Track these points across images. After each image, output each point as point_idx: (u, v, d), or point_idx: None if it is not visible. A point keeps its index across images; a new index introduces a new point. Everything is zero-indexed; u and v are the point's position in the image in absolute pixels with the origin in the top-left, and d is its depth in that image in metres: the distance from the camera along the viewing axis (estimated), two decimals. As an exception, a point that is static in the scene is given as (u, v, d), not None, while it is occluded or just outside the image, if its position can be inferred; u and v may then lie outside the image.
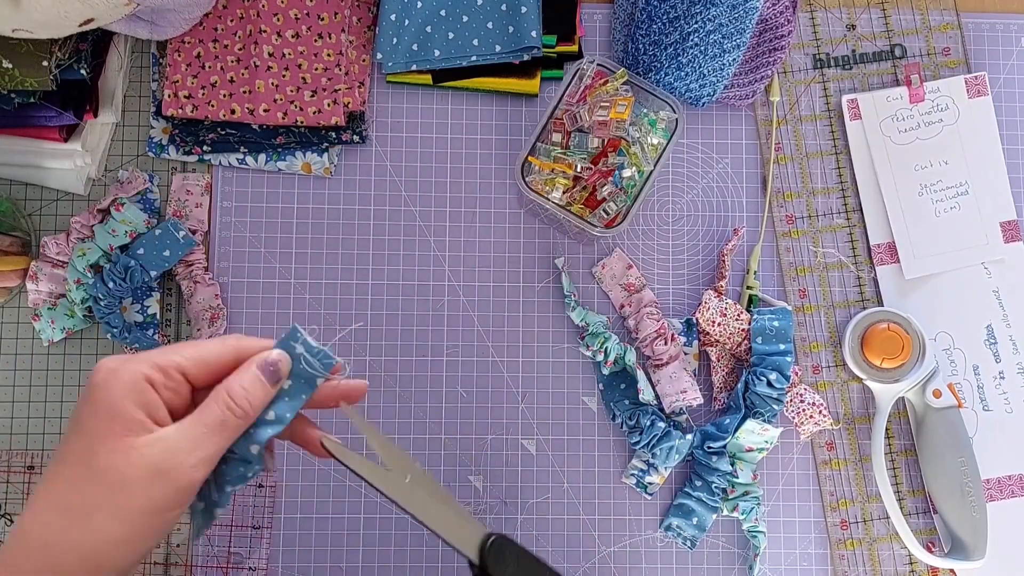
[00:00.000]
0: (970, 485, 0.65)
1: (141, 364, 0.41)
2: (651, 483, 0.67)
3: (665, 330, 0.67)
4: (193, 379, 0.43)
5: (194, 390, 0.44)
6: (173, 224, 0.65)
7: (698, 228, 0.70)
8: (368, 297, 0.69)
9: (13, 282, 0.66)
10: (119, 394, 0.40)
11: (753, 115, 0.71)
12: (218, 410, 0.42)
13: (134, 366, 0.41)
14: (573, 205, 0.63)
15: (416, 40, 0.69)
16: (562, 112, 0.63)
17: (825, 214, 0.70)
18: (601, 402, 0.68)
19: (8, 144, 0.66)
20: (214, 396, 0.42)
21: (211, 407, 0.42)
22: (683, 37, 0.67)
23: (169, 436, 0.41)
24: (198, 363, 0.43)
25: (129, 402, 0.40)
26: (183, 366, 0.42)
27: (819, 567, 0.68)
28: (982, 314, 0.69)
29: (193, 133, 0.68)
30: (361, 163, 0.70)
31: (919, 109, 0.70)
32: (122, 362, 0.41)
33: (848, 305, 0.70)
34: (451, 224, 0.70)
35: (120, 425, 0.40)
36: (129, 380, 0.41)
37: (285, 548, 0.66)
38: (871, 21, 0.72)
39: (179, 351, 0.43)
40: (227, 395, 0.42)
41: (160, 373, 0.42)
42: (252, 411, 0.42)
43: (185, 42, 0.68)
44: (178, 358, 0.42)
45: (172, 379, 0.42)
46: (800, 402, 0.67)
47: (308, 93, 0.67)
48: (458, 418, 0.68)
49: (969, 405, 0.69)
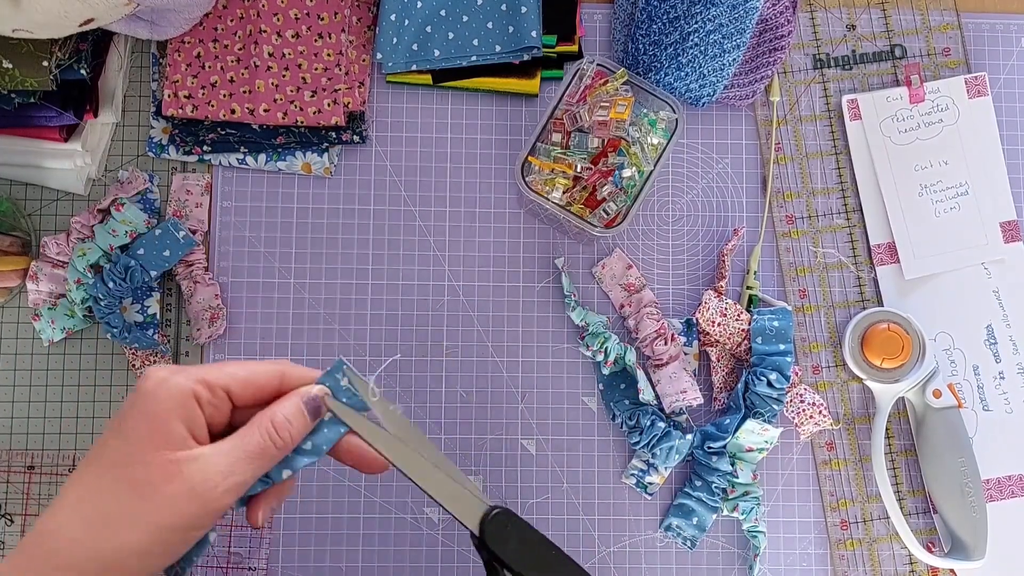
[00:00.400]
0: (970, 485, 0.65)
1: (190, 379, 0.41)
2: (651, 483, 0.67)
3: (665, 330, 0.67)
4: (236, 398, 0.43)
5: (234, 408, 0.44)
6: (173, 224, 0.66)
7: (698, 228, 0.70)
8: (368, 297, 0.69)
9: (13, 282, 0.66)
10: (166, 406, 0.40)
11: (753, 115, 0.71)
12: (259, 438, 0.42)
13: (183, 380, 0.41)
14: (573, 205, 0.63)
15: (416, 40, 0.69)
16: (562, 112, 0.63)
17: (825, 214, 0.70)
18: (601, 402, 0.68)
19: (8, 144, 0.66)
20: (257, 423, 0.42)
21: (253, 434, 0.42)
22: (683, 37, 0.67)
23: (208, 457, 0.40)
24: (244, 384, 0.43)
25: (174, 416, 0.40)
26: (229, 385, 0.43)
27: (819, 567, 0.68)
28: (982, 314, 0.69)
29: (193, 133, 0.68)
30: (361, 163, 0.70)
31: (919, 109, 0.70)
32: (172, 373, 0.41)
33: (848, 305, 0.70)
34: (451, 224, 0.70)
35: (163, 438, 0.40)
36: (177, 393, 0.41)
37: (285, 548, 0.66)
38: (871, 21, 0.72)
39: (228, 369, 0.43)
40: (270, 424, 0.42)
41: (207, 390, 0.42)
42: (292, 442, 0.43)
43: (185, 42, 0.68)
44: (226, 377, 0.42)
45: (217, 396, 0.42)
46: (800, 402, 0.67)
47: (308, 93, 0.67)
48: (458, 418, 0.68)
49: (969, 405, 0.69)
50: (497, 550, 0.44)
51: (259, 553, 0.66)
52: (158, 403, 0.40)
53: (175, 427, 0.40)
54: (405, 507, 0.67)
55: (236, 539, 0.66)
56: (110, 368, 0.68)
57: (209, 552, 0.66)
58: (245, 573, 0.66)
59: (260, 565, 0.66)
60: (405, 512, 0.67)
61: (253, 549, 0.66)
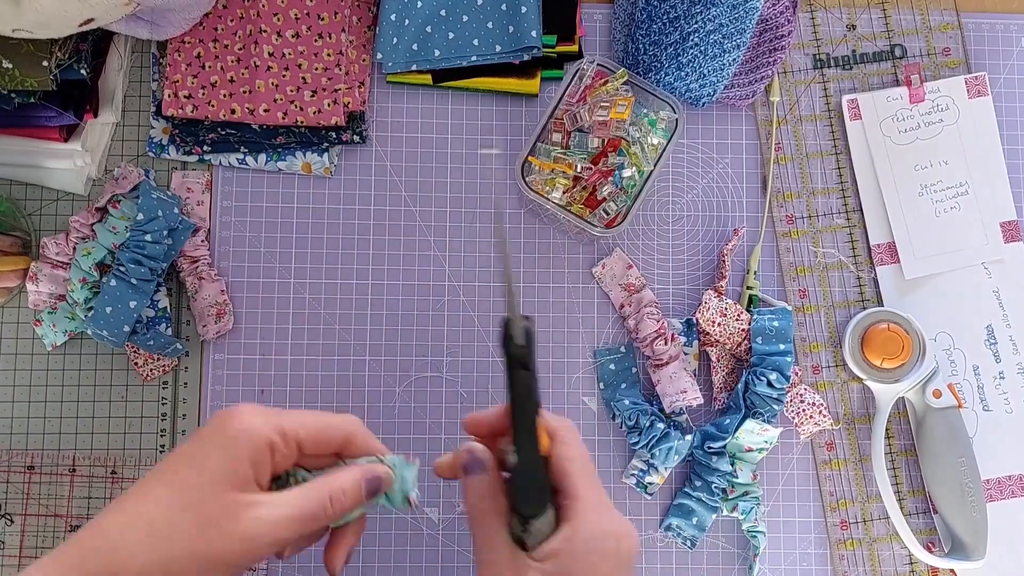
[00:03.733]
0: (970, 485, 0.65)
1: (270, 426, 0.43)
2: (651, 483, 0.67)
3: (665, 330, 0.67)
4: (303, 448, 0.45)
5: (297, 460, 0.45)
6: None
7: (698, 228, 0.70)
8: (368, 297, 0.69)
9: (13, 282, 0.66)
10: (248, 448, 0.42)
11: (753, 115, 0.71)
12: (315, 504, 0.43)
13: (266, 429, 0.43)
14: (573, 205, 0.63)
15: (416, 40, 0.69)
16: (562, 112, 0.63)
17: (825, 214, 0.70)
18: (601, 402, 0.68)
19: (8, 144, 0.66)
20: (317, 489, 0.43)
21: (309, 496, 0.43)
22: (683, 37, 0.67)
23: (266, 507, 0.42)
24: (315, 439, 0.45)
25: (249, 459, 0.42)
26: (302, 437, 0.44)
27: (819, 567, 0.68)
28: (982, 314, 0.69)
29: (193, 133, 0.68)
30: (361, 163, 0.70)
31: (919, 109, 0.70)
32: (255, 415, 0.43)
33: (848, 305, 0.70)
34: (451, 224, 0.70)
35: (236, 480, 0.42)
36: (258, 440, 0.42)
37: (285, 548, 0.66)
38: (871, 21, 0.72)
39: (304, 421, 0.44)
40: (328, 494, 0.43)
41: (282, 439, 0.43)
42: (340, 515, 0.44)
43: (185, 42, 0.68)
44: (302, 431, 0.44)
45: (288, 448, 0.44)
46: (800, 402, 0.67)
47: (308, 93, 0.67)
48: (458, 418, 0.68)
49: (969, 405, 0.69)
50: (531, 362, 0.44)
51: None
52: (239, 446, 0.42)
53: (247, 470, 0.42)
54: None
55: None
56: (110, 368, 0.68)
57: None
58: (245, 572, 0.66)
59: (260, 565, 0.66)
60: (405, 512, 0.67)
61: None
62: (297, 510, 0.42)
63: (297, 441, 0.44)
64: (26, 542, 0.66)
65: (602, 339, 0.69)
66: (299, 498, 0.43)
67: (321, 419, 0.45)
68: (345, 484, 0.44)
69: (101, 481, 0.66)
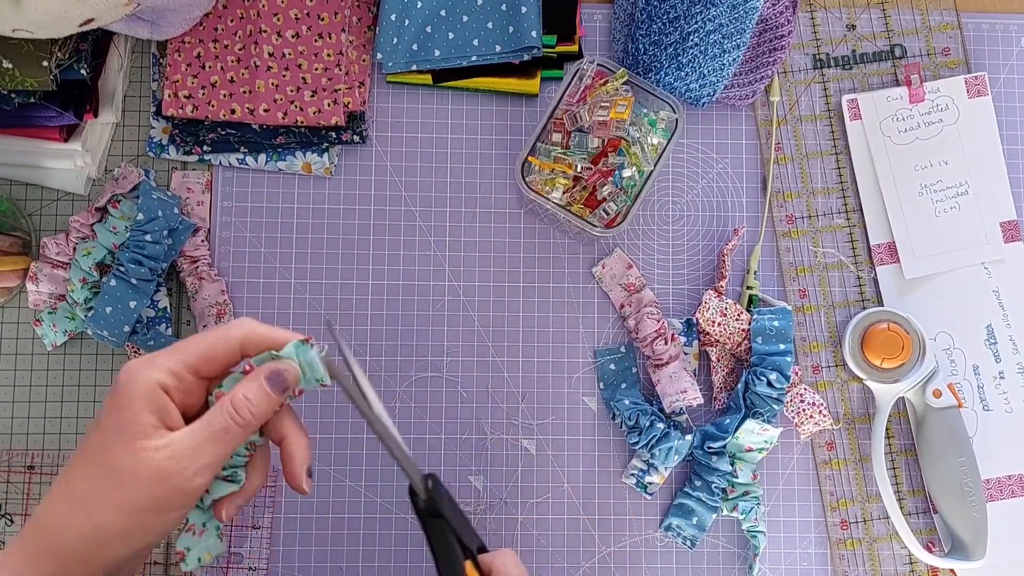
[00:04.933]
0: (970, 485, 0.65)
1: (157, 370, 0.43)
2: (651, 483, 0.67)
3: (665, 330, 0.67)
4: (206, 375, 0.45)
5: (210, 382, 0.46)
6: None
7: (698, 228, 0.70)
8: (368, 297, 0.69)
9: (13, 282, 0.66)
10: (136, 400, 0.43)
11: (753, 115, 0.71)
12: (221, 419, 0.44)
13: (150, 373, 0.43)
14: (573, 205, 0.63)
15: (416, 40, 0.69)
16: (562, 112, 0.63)
17: (825, 214, 0.70)
18: (601, 402, 0.68)
19: (8, 144, 0.66)
20: (219, 405, 0.44)
21: (215, 416, 0.44)
22: (683, 37, 0.67)
23: (176, 442, 0.43)
24: (208, 361, 0.45)
25: (144, 408, 0.43)
26: (194, 366, 0.44)
27: (819, 567, 0.68)
28: (982, 314, 0.69)
29: (193, 133, 0.68)
30: (361, 163, 0.70)
31: (919, 109, 0.70)
32: (140, 366, 0.43)
33: (848, 305, 0.70)
34: (451, 224, 0.70)
35: (134, 428, 0.42)
36: (145, 387, 0.43)
37: (285, 548, 0.66)
38: (871, 21, 0.72)
39: (188, 350, 0.45)
40: (230, 405, 0.44)
41: (173, 378, 0.44)
42: (255, 420, 0.44)
43: (185, 42, 0.68)
44: (189, 358, 0.44)
45: (184, 381, 0.44)
46: (800, 402, 0.67)
47: (308, 93, 0.67)
48: (458, 418, 0.68)
49: (969, 405, 0.69)
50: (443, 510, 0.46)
51: (259, 553, 0.66)
52: (129, 397, 0.43)
53: (145, 418, 0.43)
54: (405, 507, 0.67)
55: (236, 539, 0.66)
56: (110, 368, 0.68)
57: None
58: (245, 573, 0.66)
59: (260, 565, 0.66)
60: (405, 512, 0.67)
61: (253, 549, 0.66)
62: (207, 432, 0.43)
63: (192, 371, 0.44)
64: (26, 542, 0.66)
65: (602, 339, 0.69)
66: (203, 422, 0.44)
67: (208, 337, 0.45)
68: (246, 391, 0.44)
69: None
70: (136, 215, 0.64)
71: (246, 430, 0.44)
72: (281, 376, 0.45)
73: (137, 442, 0.42)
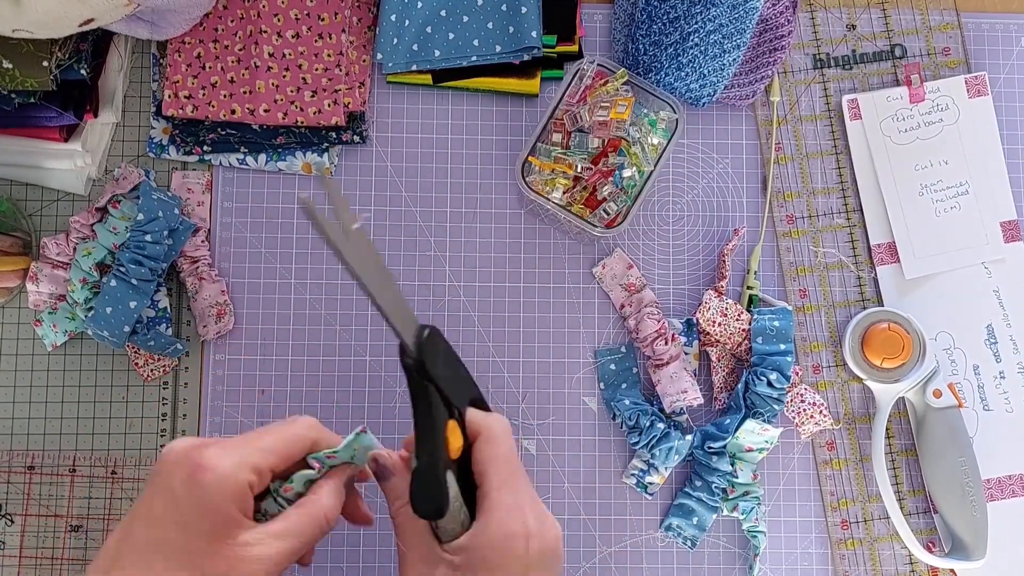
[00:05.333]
0: (970, 485, 0.65)
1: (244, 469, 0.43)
2: (651, 483, 0.67)
3: (665, 330, 0.67)
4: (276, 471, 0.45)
5: None
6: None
7: (698, 228, 0.70)
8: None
9: (13, 282, 0.66)
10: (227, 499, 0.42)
11: (753, 115, 0.71)
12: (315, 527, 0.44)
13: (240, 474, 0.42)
14: (573, 205, 0.63)
15: (416, 40, 0.69)
16: (562, 112, 0.63)
17: (825, 214, 0.70)
18: (601, 402, 0.68)
19: (8, 144, 0.66)
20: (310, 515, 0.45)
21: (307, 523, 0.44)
22: (683, 37, 0.67)
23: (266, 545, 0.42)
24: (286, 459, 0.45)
25: (235, 508, 0.42)
26: (275, 465, 0.45)
27: (819, 567, 0.68)
28: (982, 314, 0.69)
29: (193, 133, 0.68)
30: (361, 163, 0.70)
31: (919, 109, 0.70)
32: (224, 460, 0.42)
33: (848, 305, 0.70)
34: (451, 224, 0.70)
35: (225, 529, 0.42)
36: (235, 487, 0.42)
37: (285, 548, 0.66)
38: (871, 21, 0.72)
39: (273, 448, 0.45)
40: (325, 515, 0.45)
41: (258, 476, 0.44)
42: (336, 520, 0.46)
43: (185, 42, 0.68)
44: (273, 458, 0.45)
45: (265, 479, 0.44)
46: (800, 402, 0.67)
47: (308, 93, 0.67)
48: (458, 418, 0.68)
49: (969, 405, 0.69)
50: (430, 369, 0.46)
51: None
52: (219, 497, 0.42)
53: (234, 515, 0.42)
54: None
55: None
56: (110, 368, 0.68)
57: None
58: (245, 573, 0.66)
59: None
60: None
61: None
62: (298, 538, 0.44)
63: (272, 467, 0.45)
64: (26, 542, 0.66)
65: (602, 339, 0.69)
66: (296, 526, 0.44)
67: (285, 438, 0.46)
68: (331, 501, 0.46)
69: (101, 481, 0.66)
70: (136, 215, 0.64)
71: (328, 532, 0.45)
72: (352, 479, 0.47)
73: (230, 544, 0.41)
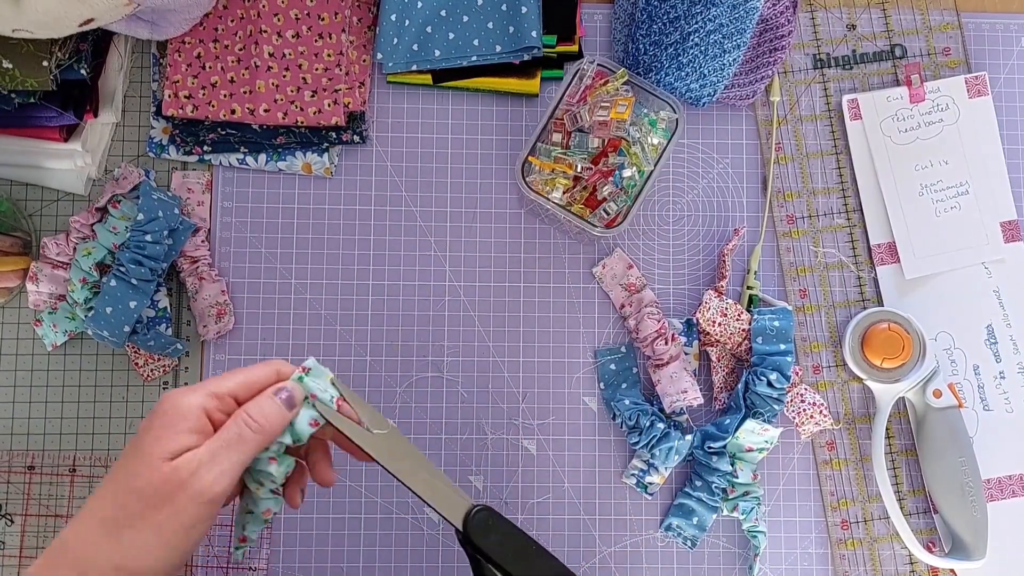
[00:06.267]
0: (970, 485, 0.65)
1: (199, 395, 0.46)
2: (651, 483, 0.67)
3: (665, 330, 0.67)
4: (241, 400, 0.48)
5: None
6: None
7: (698, 228, 0.70)
8: (368, 297, 0.69)
9: (13, 282, 0.66)
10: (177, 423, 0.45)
11: (753, 115, 0.71)
12: (235, 426, 0.46)
13: (193, 398, 0.46)
14: (573, 205, 0.63)
15: (416, 40, 0.69)
16: (562, 112, 0.63)
17: (825, 214, 0.70)
18: (601, 402, 0.68)
19: (8, 144, 0.66)
20: (232, 417, 0.46)
21: (230, 424, 0.46)
22: (683, 37, 0.67)
23: (196, 454, 0.44)
24: (246, 387, 0.48)
25: (185, 429, 0.45)
26: (234, 391, 0.47)
27: (819, 567, 0.68)
28: (982, 314, 0.69)
29: (193, 133, 0.68)
30: (361, 163, 0.70)
31: (919, 109, 0.70)
32: (184, 394, 0.46)
33: (848, 305, 0.70)
34: (451, 224, 0.70)
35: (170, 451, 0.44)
36: (187, 410, 0.45)
37: (285, 548, 0.66)
38: (871, 21, 0.72)
39: (232, 379, 0.48)
40: (244, 413, 0.46)
41: (216, 399, 0.46)
42: (268, 426, 0.46)
43: (185, 42, 0.68)
44: (231, 384, 0.47)
45: (225, 403, 0.47)
46: (800, 402, 0.67)
47: (308, 93, 0.67)
48: (458, 418, 0.68)
49: (969, 405, 0.69)
50: (480, 544, 0.46)
51: (259, 553, 0.66)
52: (169, 420, 0.45)
53: (185, 439, 0.44)
54: (405, 507, 0.67)
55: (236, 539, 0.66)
56: (110, 368, 0.68)
57: (209, 552, 0.66)
58: (245, 573, 0.66)
59: (260, 565, 0.66)
60: (405, 512, 0.67)
61: (253, 549, 0.66)
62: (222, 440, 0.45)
63: (232, 395, 0.47)
64: (26, 542, 0.66)
65: (602, 339, 0.69)
66: (220, 432, 0.45)
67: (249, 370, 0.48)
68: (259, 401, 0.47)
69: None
70: (136, 215, 0.64)
71: (260, 436, 0.46)
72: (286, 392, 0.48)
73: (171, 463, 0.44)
